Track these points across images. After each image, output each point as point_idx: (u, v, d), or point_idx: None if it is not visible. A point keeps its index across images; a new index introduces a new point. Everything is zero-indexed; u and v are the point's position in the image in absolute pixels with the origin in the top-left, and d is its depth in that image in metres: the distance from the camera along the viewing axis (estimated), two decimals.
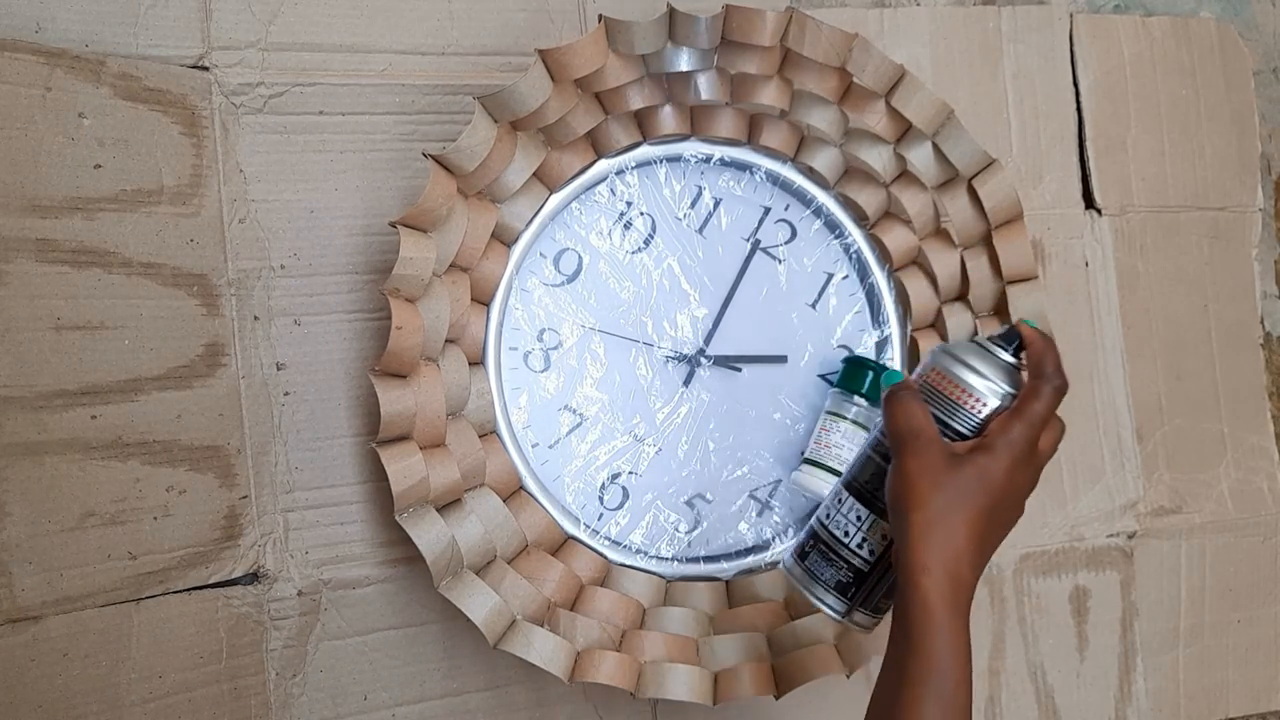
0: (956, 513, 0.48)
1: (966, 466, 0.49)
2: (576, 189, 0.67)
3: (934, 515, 0.48)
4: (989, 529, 0.49)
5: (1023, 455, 0.49)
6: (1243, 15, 0.88)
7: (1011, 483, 0.49)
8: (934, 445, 0.50)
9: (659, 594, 0.66)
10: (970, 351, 0.52)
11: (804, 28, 0.63)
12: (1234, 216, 0.84)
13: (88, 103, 0.59)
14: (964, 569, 0.48)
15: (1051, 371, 0.51)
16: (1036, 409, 0.50)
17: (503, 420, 0.64)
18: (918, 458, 0.49)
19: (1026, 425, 0.49)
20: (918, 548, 0.48)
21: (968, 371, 0.51)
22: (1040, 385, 0.50)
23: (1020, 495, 0.50)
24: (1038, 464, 0.51)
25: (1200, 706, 0.79)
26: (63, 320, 0.58)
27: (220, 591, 0.61)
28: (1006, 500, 0.49)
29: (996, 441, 0.49)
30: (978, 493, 0.48)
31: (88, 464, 0.58)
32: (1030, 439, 0.49)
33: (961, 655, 0.47)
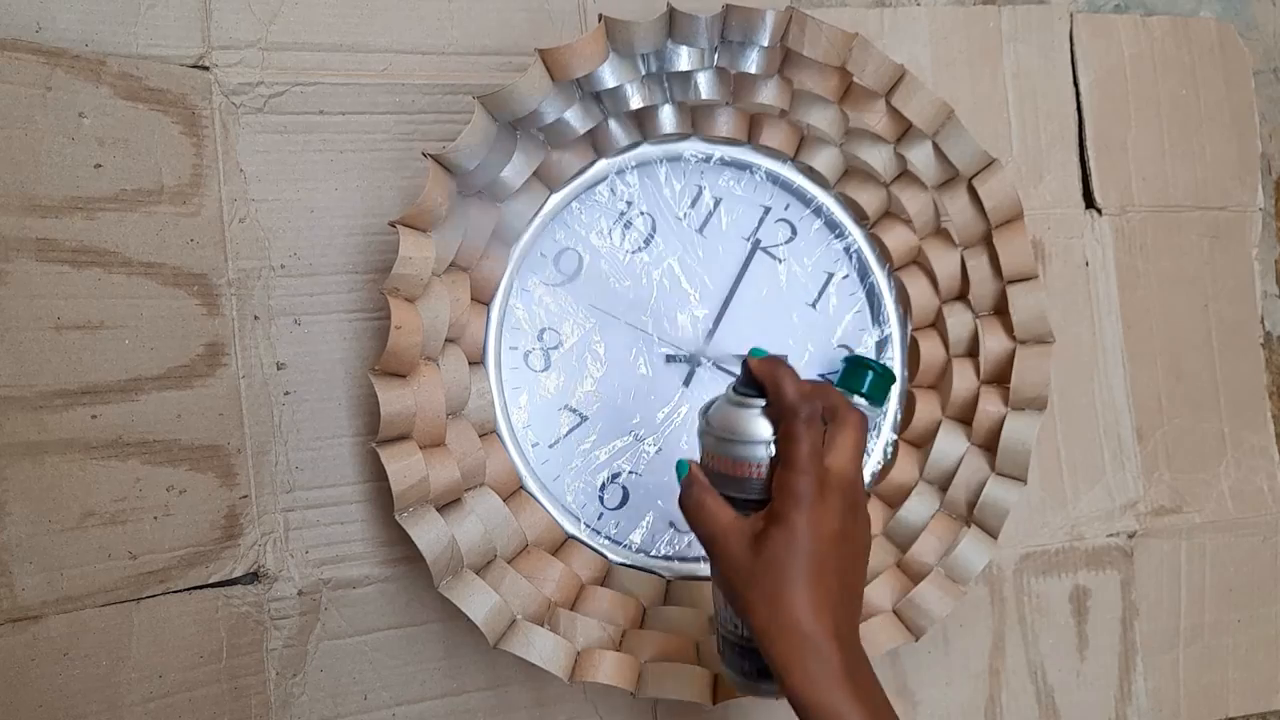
0: (782, 598, 0.45)
1: (768, 546, 0.46)
2: (576, 189, 0.67)
3: (764, 613, 0.45)
4: (828, 589, 0.46)
5: (814, 500, 0.45)
6: (1243, 15, 0.88)
7: (820, 531, 0.45)
8: (734, 540, 0.47)
9: (659, 593, 0.66)
10: (724, 415, 0.49)
11: (804, 27, 0.63)
12: (1234, 216, 0.84)
13: (88, 102, 0.59)
14: (822, 645, 0.44)
15: (792, 400, 0.46)
16: (798, 452, 0.46)
17: (503, 420, 0.64)
18: (724, 560, 0.47)
19: (797, 472, 0.46)
20: (767, 650, 0.45)
21: (727, 442, 0.48)
22: (789, 426, 0.47)
23: (840, 534, 0.46)
24: (840, 486, 0.47)
25: (1200, 706, 0.79)
26: (63, 320, 0.58)
27: (220, 591, 0.61)
28: (828, 550, 0.46)
29: (781, 504, 0.46)
30: (794, 565, 0.45)
31: (88, 463, 0.58)
32: (812, 480, 0.46)
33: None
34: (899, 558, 0.66)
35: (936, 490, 0.68)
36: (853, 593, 0.47)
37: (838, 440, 0.47)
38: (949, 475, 0.68)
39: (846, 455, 0.47)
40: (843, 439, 0.47)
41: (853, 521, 0.47)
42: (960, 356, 0.70)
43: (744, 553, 0.46)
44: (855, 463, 0.47)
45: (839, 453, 0.47)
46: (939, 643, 0.73)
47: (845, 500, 0.47)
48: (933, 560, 0.66)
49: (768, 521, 0.46)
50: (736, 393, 0.49)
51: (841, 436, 0.47)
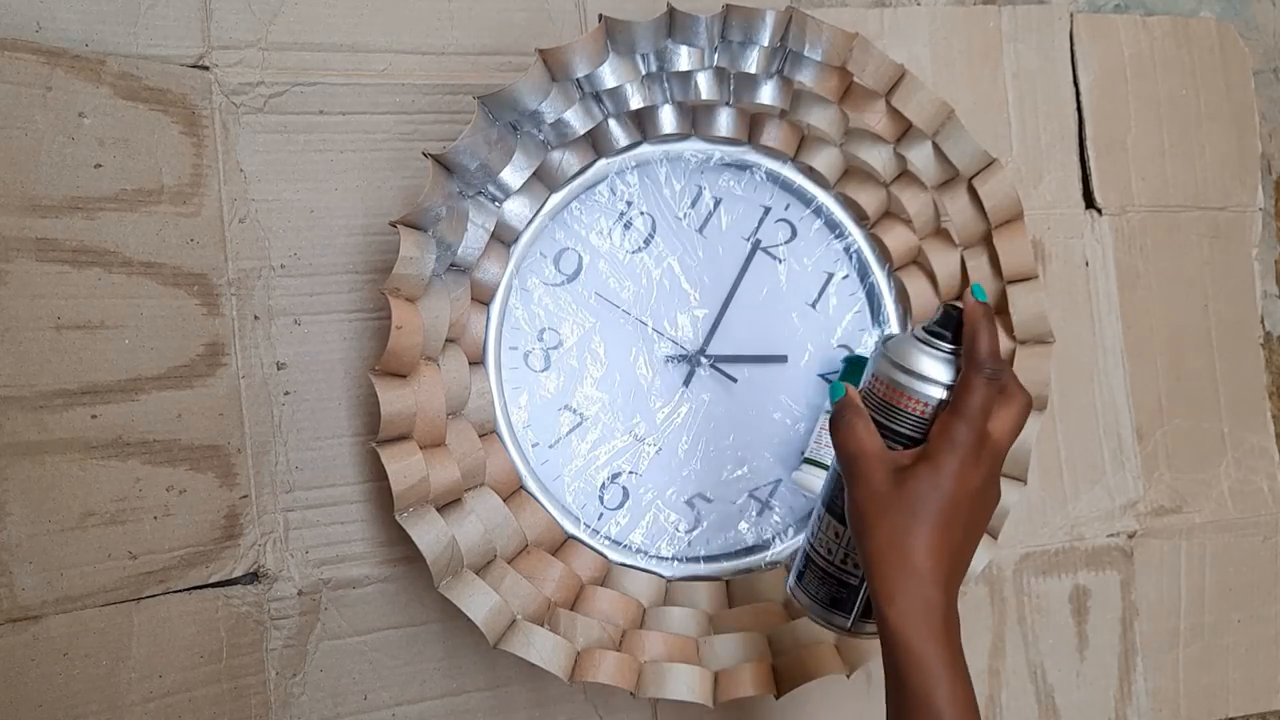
0: (909, 532, 0.46)
1: (910, 481, 0.47)
2: (576, 189, 0.67)
3: (885, 541, 0.46)
4: (952, 539, 0.46)
5: (969, 452, 0.47)
6: (1243, 15, 0.88)
7: (964, 484, 0.47)
8: (876, 466, 0.48)
9: (659, 594, 0.66)
10: (907, 348, 0.50)
11: (804, 27, 0.63)
12: (1234, 216, 0.84)
13: (88, 102, 0.59)
14: (930, 589, 0.45)
15: (984, 357, 0.47)
16: (971, 403, 0.47)
17: (503, 420, 0.64)
18: (862, 482, 0.48)
19: (964, 421, 0.47)
20: (877, 577, 0.46)
21: (903, 373, 0.49)
22: (970, 377, 0.47)
23: (979, 492, 0.48)
24: (993, 452, 0.48)
25: (1200, 706, 0.79)
26: (63, 320, 0.58)
27: (220, 591, 0.61)
28: (964, 503, 0.47)
29: (938, 446, 0.47)
30: (929, 505, 0.46)
31: (88, 463, 0.58)
32: (974, 433, 0.47)
33: (947, 683, 0.44)
34: None
35: None
36: (967, 554, 0.48)
37: (1005, 411, 0.48)
38: None
39: (1007, 427, 0.48)
40: (1009, 412, 0.48)
41: (992, 488, 0.48)
42: None
43: (885, 480, 0.47)
44: (1012, 437, 0.48)
45: (1002, 422, 0.48)
46: None
47: (992, 466, 0.48)
48: None
49: (919, 458, 0.47)
50: (928, 331, 0.50)
51: (1009, 409, 0.48)
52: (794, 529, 0.69)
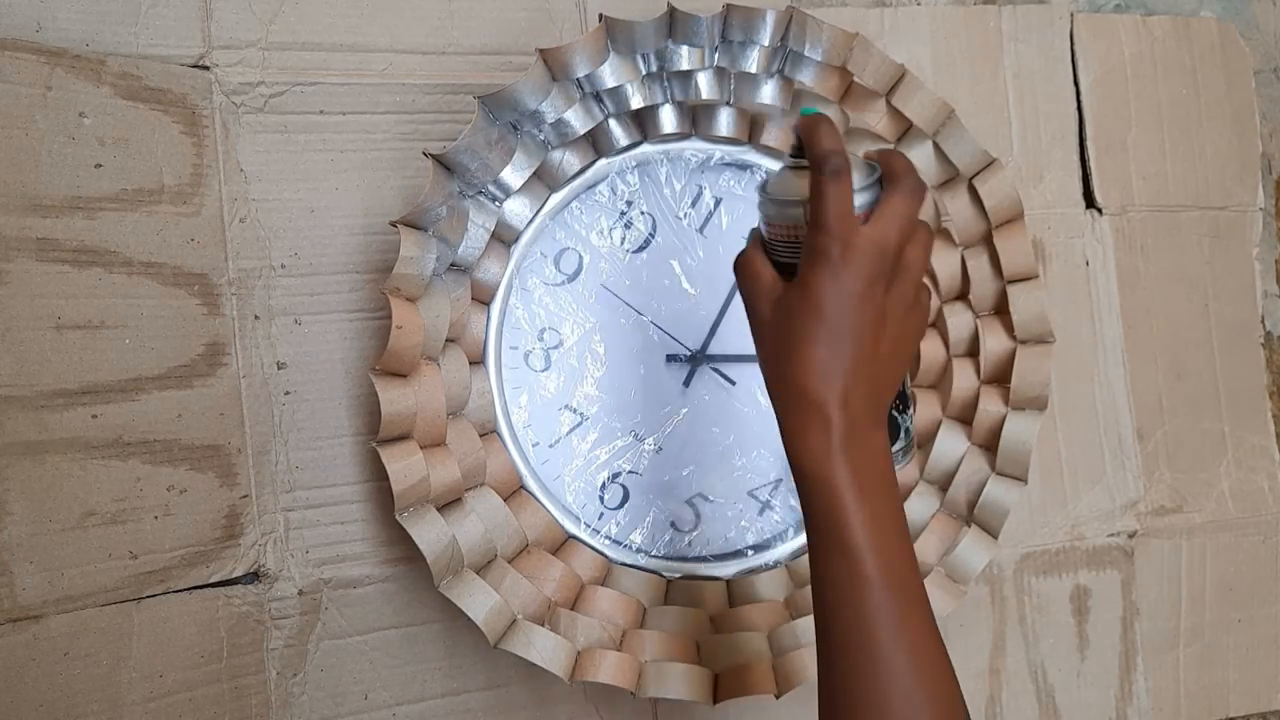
0: (789, 355, 0.43)
1: (782, 303, 0.44)
2: (576, 189, 0.67)
3: (773, 370, 0.44)
4: (840, 353, 0.43)
5: (835, 258, 0.43)
6: (1243, 15, 0.88)
7: (837, 293, 0.43)
8: (762, 297, 0.46)
9: (659, 593, 0.66)
10: (777, 177, 0.48)
11: (804, 27, 0.63)
12: (1234, 216, 0.84)
13: (88, 102, 0.59)
14: (825, 406, 0.42)
15: (819, 154, 0.43)
16: (821, 208, 0.43)
17: (503, 420, 0.64)
18: (752, 317, 0.46)
19: (818, 229, 0.43)
20: (776, 411, 0.44)
21: (773, 203, 0.47)
22: (815, 180, 0.43)
23: (863, 298, 0.43)
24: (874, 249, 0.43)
25: (1201, 706, 0.79)
26: (63, 319, 0.58)
27: (221, 591, 0.61)
28: (845, 313, 0.43)
29: (802, 264, 0.44)
30: (801, 322, 0.43)
31: (88, 463, 0.58)
32: (830, 237, 0.43)
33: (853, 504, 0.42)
34: None
35: (937, 490, 0.68)
36: (875, 367, 0.44)
37: (883, 206, 0.44)
38: (949, 475, 0.68)
39: (890, 222, 0.44)
40: (888, 205, 0.44)
41: (883, 291, 0.44)
42: (960, 356, 0.70)
43: (768, 310, 0.45)
44: (900, 232, 0.44)
45: (879, 219, 0.44)
46: None
47: (876, 266, 0.43)
48: (933, 560, 0.66)
49: (792, 281, 0.45)
50: (790, 155, 0.48)
51: (887, 203, 0.44)
52: (794, 529, 0.69)
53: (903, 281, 0.45)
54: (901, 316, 0.45)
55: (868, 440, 0.44)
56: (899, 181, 0.45)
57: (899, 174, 0.45)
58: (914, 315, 0.47)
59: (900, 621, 0.42)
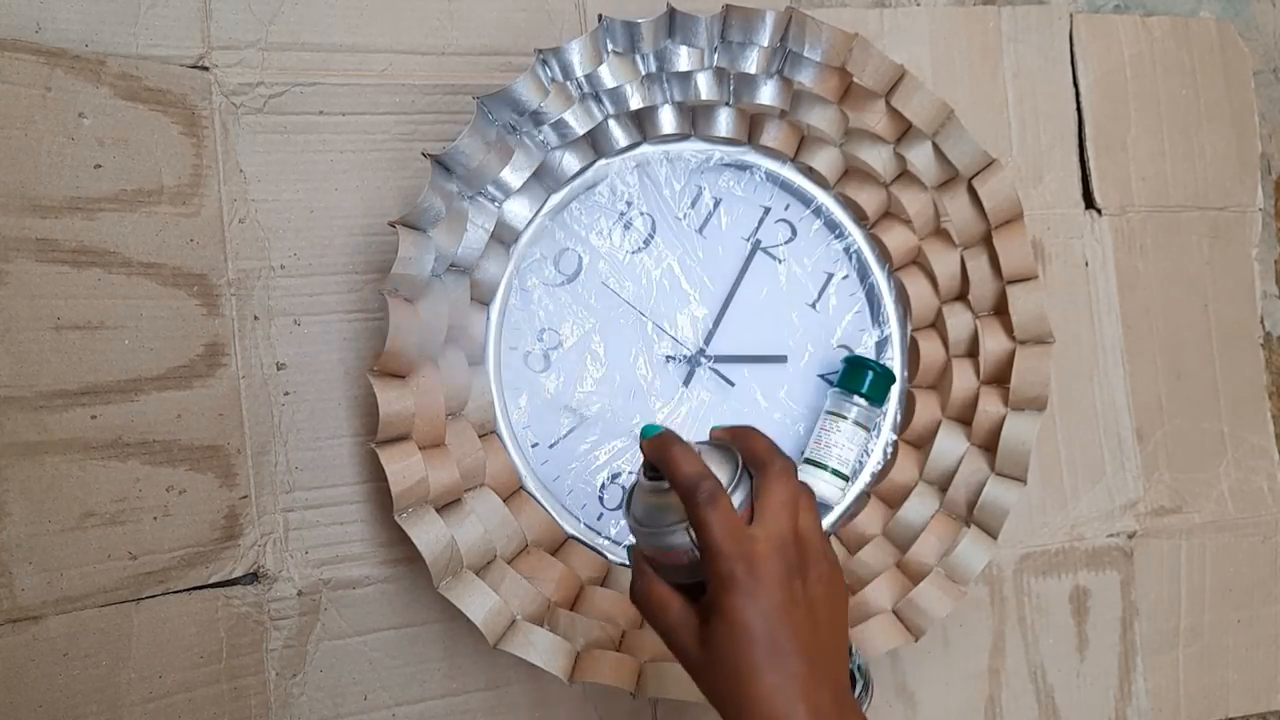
0: (745, 692, 0.41)
1: (713, 640, 0.42)
2: (576, 189, 0.67)
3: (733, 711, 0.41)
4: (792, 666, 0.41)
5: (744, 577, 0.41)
6: (1243, 15, 0.88)
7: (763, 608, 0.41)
8: (682, 633, 0.43)
9: None
10: (643, 506, 0.46)
11: (804, 27, 0.63)
12: (1234, 216, 0.84)
13: (88, 102, 0.59)
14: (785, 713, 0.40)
15: (687, 485, 0.42)
16: (709, 535, 0.42)
17: (502, 420, 0.64)
18: (680, 656, 0.44)
19: (715, 555, 0.42)
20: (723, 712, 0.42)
21: (653, 533, 0.45)
22: (692, 510, 0.42)
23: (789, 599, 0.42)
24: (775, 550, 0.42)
25: (1200, 706, 0.79)
26: (63, 320, 0.58)
27: (220, 591, 0.61)
28: (781, 623, 0.41)
29: (713, 593, 0.42)
30: (744, 654, 0.41)
31: (88, 464, 0.58)
32: (732, 559, 0.41)
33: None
34: (899, 558, 0.66)
35: (936, 490, 0.68)
36: (826, 656, 0.43)
37: (763, 499, 0.43)
38: (949, 475, 0.68)
39: (775, 515, 0.42)
40: (768, 497, 0.43)
41: (801, 584, 0.43)
42: (960, 357, 0.70)
43: (695, 647, 0.43)
44: (788, 519, 0.43)
45: (765, 515, 0.42)
46: (939, 643, 0.73)
47: (785, 564, 0.42)
48: (933, 560, 0.66)
49: (707, 612, 0.42)
50: (647, 479, 0.46)
51: (766, 495, 0.43)
52: None
53: (813, 562, 0.44)
54: (828, 598, 0.44)
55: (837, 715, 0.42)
56: (767, 466, 0.44)
57: (762, 457, 0.44)
58: (835, 585, 0.45)
59: None
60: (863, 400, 0.67)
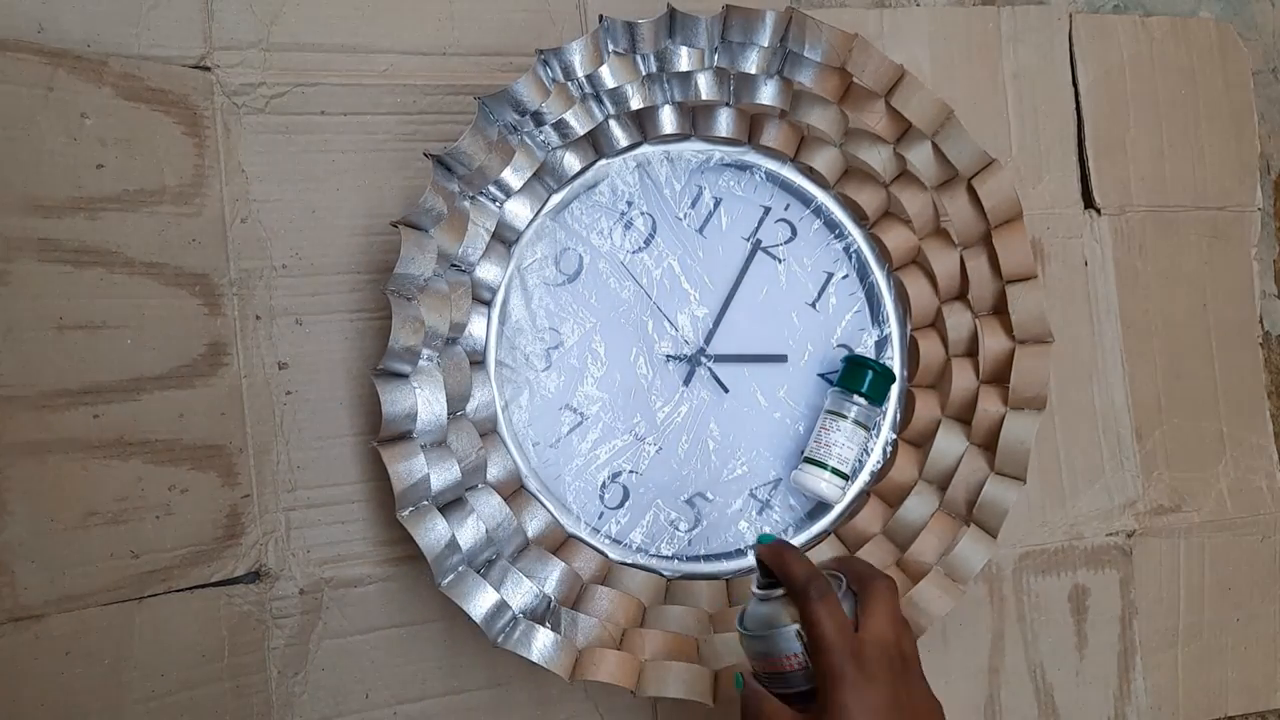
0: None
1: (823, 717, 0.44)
2: (577, 189, 0.67)
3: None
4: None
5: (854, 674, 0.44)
6: (1242, 15, 0.88)
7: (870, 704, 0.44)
8: None
9: (659, 592, 0.66)
10: (754, 613, 0.49)
11: (804, 27, 0.63)
12: (1233, 216, 0.84)
13: (90, 103, 0.59)
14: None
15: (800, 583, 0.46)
16: (820, 633, 0.45)
17: (503, 419, 0.64)
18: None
19: (825, 653, 0.45)
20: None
21: (763, 640, 0.48)
22: (804, 608, 0.46)
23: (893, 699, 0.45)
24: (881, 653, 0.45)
25: (1199, 705, 0.79)
26: (65, 320, 0.58)
27: (222, 590, 0.61)
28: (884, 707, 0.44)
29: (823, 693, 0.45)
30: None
31: (90, 463, 0.58)
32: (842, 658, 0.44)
33: None
34: (899, 557, 0.67)
35: (936, 489, 0.69)
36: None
37: (869, 608, 0.46)
38: (948, 474, 0.68)
39: (881, 621, 0.46)
40: (874, 606, 0.46)
41: (905, 687, 0.46)
42: (960, 356, 0.70)
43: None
44: (893, 627, 0.46)
45: (872, 620, 0.46)
46: (938, 641, 0.74)
47: (890, 667, 0.45)
48: (932, 559, 0.66)
49: (818, 713, 0.45)
50: (759, 587, 0.49)
51: (872, 604, 0.47)
52: (794, 529, 0.69)
53: (915, 678, 0.47)
54: (924, 697, 0.47)
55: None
56: (871, 582, 0.48)
57: (866, 576, 0.48)
58: (932, 701, 0.48)
59: None
60: (862, 399, 0.67)
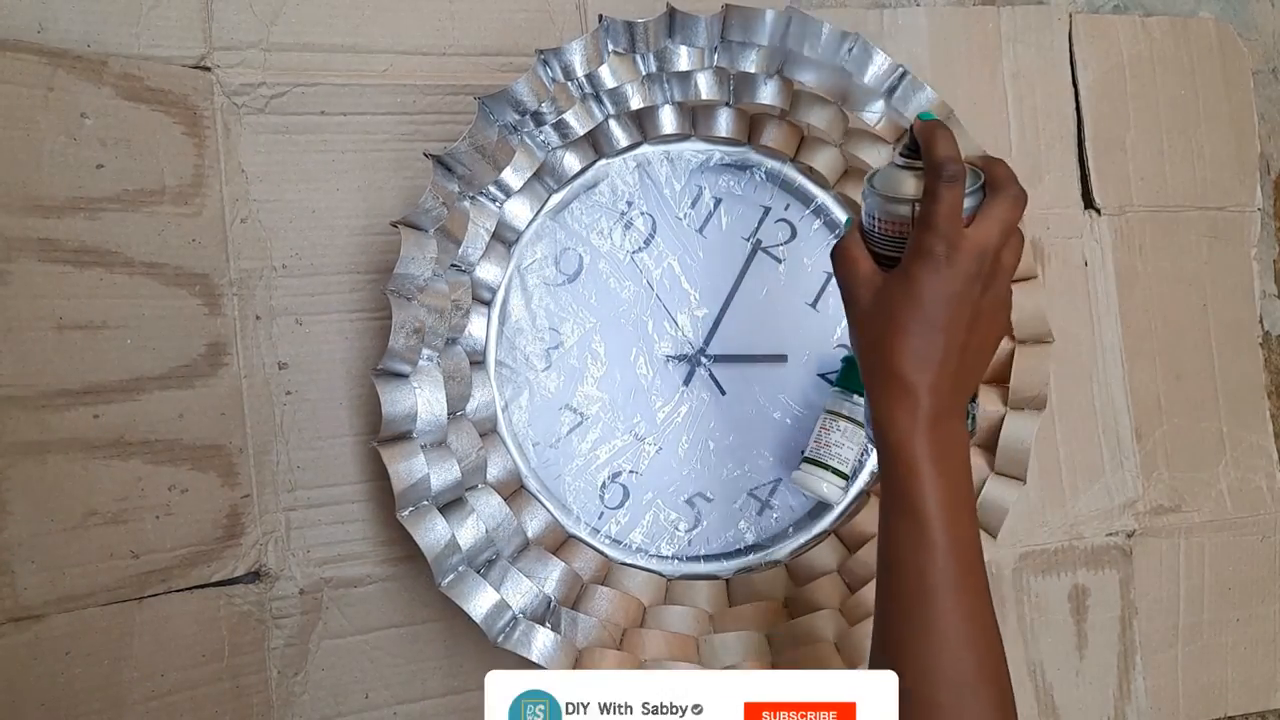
0: (885, 339, 0.47)
1: (884, 292, 0.48)
2: (577, 189, 0.67)
3: (869, 350, 0.48)
4: (933, 343, 0.46)
5: (938, 256, 0.46)
6: (1242, 15, 0.88)
7: (935, 287, 0.46)
8: (862, 287, 0.49)
9: (659, 592, 0.66)
10: (885, 175, 0.50)
11: (804, 27, 0.63)
12: (1233, 216, 0.84)
13: (90, 103, 0.59)
14: (912, 391, 0.46)
15: (939, 160, 0.46)
16: (932, 209, 0.46)
17: (503, 419, 0.64)
18: (853, 304, 0.49)
19: (926, 227, 0.46)
20: (869, 390, 0.48)
21: (880, 199, 0.49)
22: (929, 183, 0.47)
23: (959, 296, 0.46)
24: (971, 252, 0.46)
25: (1199, 705, 0.79)
26: (65, 320, 0.58)
27: (222, 590, 0.61)
28: (942, 307, 0.46)
29: (907, 256, 0.47)
30: (902, 312, 0.46)
31: (90, 463, 0.58)
32: (937, 236, 0.46)
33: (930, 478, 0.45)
34: None
35: None
36: (964, 359, 0.47)
37: (987, 210, 0.47)
38: None
39: (990, 225, 0.47)
40: (992, 209, 0.47)
41: (979, 291, 0.47)
42: None
43: (869, 298, 0.48)
44: (1001, 235, 0.47)
45: (984, 221, 0.47)
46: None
47: (975, 268, 0.46)
48: None
49: (895, 275, 0.48)
50: (901, 155, 0.50)
51: (992, 207, 0.47)
52: (794, 529, 0.69)
53: (997, 283, 0.48)
54: (991, 315, 0.49)
55: (950, 425, 0.47)
56: (1002, 189, 0.48)
57: (1002, 182, 0.48)
58: (1001, 315, 0.50)
59: (958, 586, 0.46)
60: (862, 399, 0.67)
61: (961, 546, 0.46)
